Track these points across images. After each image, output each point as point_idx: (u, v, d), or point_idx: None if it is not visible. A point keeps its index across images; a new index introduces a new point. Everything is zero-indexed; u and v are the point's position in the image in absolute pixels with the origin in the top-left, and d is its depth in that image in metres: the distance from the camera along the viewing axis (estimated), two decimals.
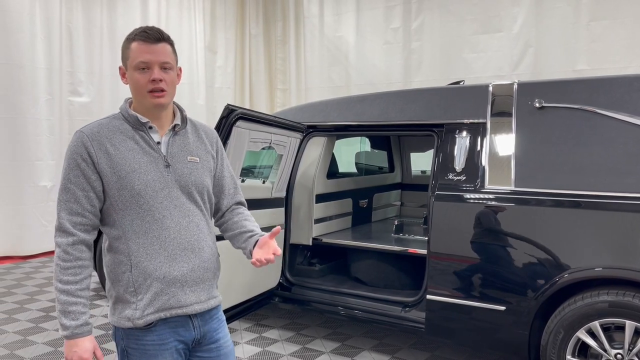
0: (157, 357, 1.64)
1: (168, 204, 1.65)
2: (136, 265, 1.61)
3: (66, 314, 1.56)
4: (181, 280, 1.65)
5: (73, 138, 1.63)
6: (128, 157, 1.62)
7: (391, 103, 3.68)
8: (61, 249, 1.58)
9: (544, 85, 3.15)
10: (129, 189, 1.61)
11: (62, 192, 1.61)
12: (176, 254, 1.64)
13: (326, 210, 4.23)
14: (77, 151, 1.60)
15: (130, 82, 1.64)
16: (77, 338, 1.57)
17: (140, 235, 1.62)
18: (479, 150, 3.17)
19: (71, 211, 1.59)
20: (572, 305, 2.77)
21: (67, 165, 1.61)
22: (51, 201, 6.79)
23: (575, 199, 2.82)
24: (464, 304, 3.09)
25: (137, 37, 1.63)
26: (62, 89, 6.91)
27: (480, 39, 7.36)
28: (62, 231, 1.59)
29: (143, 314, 1.61)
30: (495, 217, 3.02)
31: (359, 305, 3.59)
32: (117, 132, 1.64)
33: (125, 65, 1.66)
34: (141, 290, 1.61)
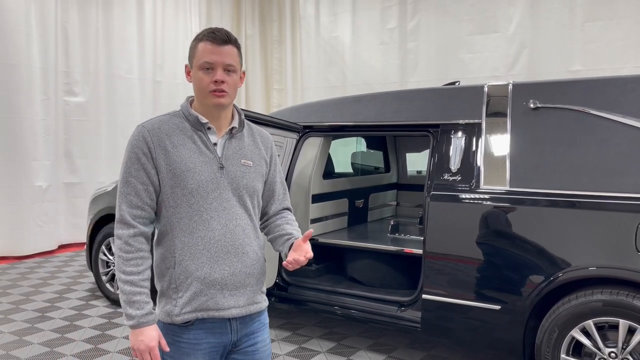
0: (189, 355, 1.66)
1: (217, 205, 1.66)
2: (179, 263, 1.64)
3: (131, 303, 1.59)
4: (221, 283, 1.66)
5: (134, 132, 1.66)
6: (184, 155, 1.65)
7: (387, 103, 3.70)
8: (122, 241, 1.61)
9: (539, 86, 3.17)
10: (182, 188, 1.63)
11: (123, 185, 1.64)
12: (219, 257, 1.66)
13: (322, 210, 4.24)
14: (138, 145, 1.63)
15: (194, 80, 1.67)
16: (143, 327, 1.60)
17: (187, 234, 1.64)
18: (474, 151, 3.19)
19: (131, 204, 1.63)
20: (567, 304, 2.79)
21: (127, 158, 1.64)
22: (47, 201, 6.77)
23: (569, 199, 2.84)
24: (459, 303, 3.11)
25: (205, 37, 1.66)
26: (58, 89, 6.90)
27: (476, 40, 7.39)
28: (123, 223, 1.63)
29: (181, 311, 1.64)
30: (490, 217, 3.04)
31: (355, 305, 3.60)
32: (176, 130, 1.67)
33: (190, 64, 1.69)
34: (182, 288, 1.65)
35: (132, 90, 7.77)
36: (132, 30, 7.72)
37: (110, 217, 4.80)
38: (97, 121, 7.35)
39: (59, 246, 7.07)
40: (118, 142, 7.59)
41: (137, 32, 7.78)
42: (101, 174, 7.38)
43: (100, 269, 4.84)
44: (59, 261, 6.49)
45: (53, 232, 6.90)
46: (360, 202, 4.82)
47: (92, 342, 3.89)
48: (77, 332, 4.09)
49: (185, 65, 1.73)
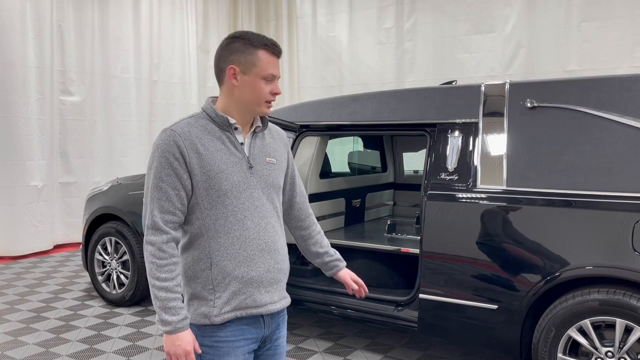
0: (229, 355, 1.68)
1: (250, 204, 1.69)
2: (216, 264, 1.66)
3: (166, 309, 1.59)
4: (258, 280, 1.70)
5: (163, 136, 1.64)
6: (217, 157, 1.66)
7: (384, 103, 3.69)
8: (156, 247, 1.61)
9: (536, 85, 3.16)
10: (217, 189, 1.65)
11: (154, 190, 1.63)
12: (255, 255, 1.69)
13: (319, 210, 4.23)
14: (170, 150, 1.62)
15: (251, 88, 1.66)
16: (179, 332, 1.60)
17: (222, 235, 1.66)
18: (471, 150, 3.18)
19: (163, 209, 1.62)
20: (564, 303, 2.79)
21: (158, 163, 1.63)
22: (42, 201, 6.75)
23: (566, 198, 2.84)
24: (456, 302, 3.10)
25: (266, 47, 1.66)
26: (53, 88, 6.87)
27: (473, 39, 7.39)
28: (155, 229, 1.62)
29: (221, 311, 1.66)
30: (487, 217, 3.03)
31: (352, 305, 3.59)
32: (205, 132, 1.67)
33: (246, 70, 1.66)
34: (219, 289, 1.66)
35: (128, 89, 7.75)
36: (128, 30, 7.70)
37: (105, 217, 4.79)
38: (93, 121, 7.32)
39: (55, 246, 7.04)
40: (114, 141, 7.57)
41: (133, 31, 7.76)
42: (97, 174, 7.35)
43: (96, 269, 4.82)
44: (54, 261, 6.47)
45: (48, 232, 6.88)
46: (357, 201, 4.82)
47: (87, 342, 3.87)
48: (72, 332, 4.07)
49: (231, 67, 1.66)
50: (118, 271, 4.69)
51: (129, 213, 4.59)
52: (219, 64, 1.70)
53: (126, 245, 4.59)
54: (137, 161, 7.76)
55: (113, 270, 4.72)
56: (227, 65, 1.67)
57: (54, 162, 6.95)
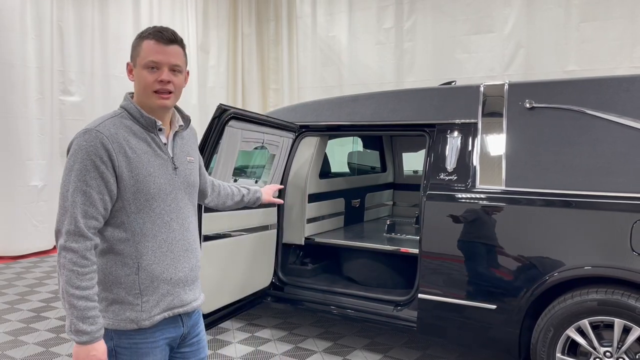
0: (148, 355, 1.64)
1: (174, 206, 1.67)
2: (144, 268, 1.62)
3: (85, 319, 1.52)
4: (183, 280, 1.70)
5: (87, 137, 1.54)
6: (144, 160, 1.61)
7: (383, 103, 3.70)
8: (79, 255, 1.51)
9: (535, 85, 3.17)
10: (145, 193, 1.60)
11: (78, 194, 1.53)
12: (180, 256, 1.68)
13: (319, 210, 4.24)
14: (96, 152, 1.53)
15: (137, 79, 1.62)
16: (96, 342, 1.54)
17: (150, 239, 1.62)
18: (470, 150, 3.19)
19: (87, 214, 1.53)
20: (562, 303, 2.79)
21: (82, 166, 1.53)
22: (42, 201, 6.75)
23: (565, 198, 2.85)
24: (455, 302, 3.11)
25: (150, 35, 1.61)
26: (53, 88, 6.87)
27: (472, 40, 7.40)
28: (79, 235, 1.52)
29: (150, 315, 1.63)
30: (486, 217, 3.04)
31: (352, 305, 3.60)
32: (131, 134, 1.61)
33: (134, 62, 1.64)
34: (147, 292, 1.62)
35: (128, 89, 7.67)
36: (128, 30, 7.69)
37: None
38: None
39: (54, 246, 7.02)
40: None
41: (133, 31, 7.74)
42: None
43: None
44: (54, 261, 6.47)
45: (49, 232, 6.87)
46: (356, 201, 4.83)
47: None
48: None
49: (128, 64, 1.67)
50: None
51: None
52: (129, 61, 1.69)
53: None
54: None
55: None
56: (129, 63, 1.66)
57: (54, 162, 6.95)
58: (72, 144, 1.57)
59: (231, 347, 3.78)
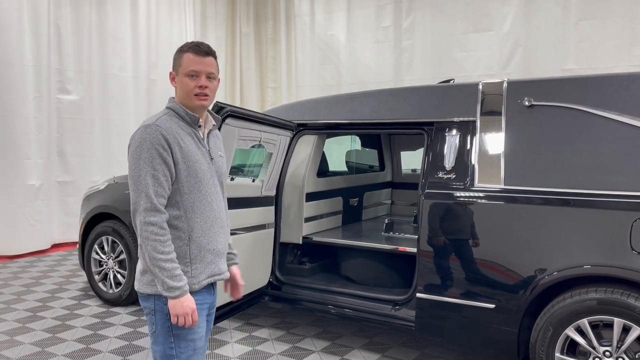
0: (198, 315, 1.94)
1: (213, 190, 2.01)
2: (194, 240, 1.94)
3: (174, 277, 1.84)
4: (221, 252, 2.05)
5: (150, 131, 1.86)
6: (192, 149, 1.94)
7: (381, 101, 3.68)
8: (158, 226, 1.83)
9: (534, 83, 3.15)
10: (194, 176, 1.93)
11: (148, 177, 1.84)
12: (218, 230, 2.02)
13: (316, 209, 4.21)
14: (158, 142, 1.85)
15: (180, 86, 1.95)
16: (185, 295, 1.86)
17: (198, 215, 1.94)
18: (468, 149, 3.17)
19: (157, 193, 1.84)
20: (561, 303, 2.78)
21: (148, 154, 1.84)
22: (39, 200, 6.71)
23: (564, 197, 2.83)
24: (453, 302, 3.09)
25: (190, 49, 1.94)
26: (51, 87, 6.84)
27: (471, 38, 7.38)
28: (155, 210, 1.84)
29: (199, 280, 1.95)
30: (485, 216, 3.02)
31: (350, 304, 3.58)
32: (179, 128, 1.94)
33: (176, 71, 1.97)
34: (196, 261, 1.94)
35: (126, 88, 7.71)
36: (126, 28, 7.66)
37: (102, 216, 4.77)
38: (91, 119, 7.29)
39: (52, 245, 7.01)
40: (112, 140, 7.54)
41: (130, 29, 7.73)
42: (95, 173, 7.32)
43: (93, 268, 4.80)
44: (51, 260, 6.45)
45: (46, 231, 6.85)
46: (354, 200, 4.81)
47: (83, 342, 3.85)
48: (68, 331, 4.06)
49: (170, 73, 1.99)
50: (115, 270, 4.68)
51: (126, 212, 4.56)
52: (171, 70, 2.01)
53: (123, 245, 4.57)
54: None
55: (110, 269, 4.70)
56: (172, 71, 1.99)
57: (51, 161, 6.92)
58: (133, 138, 1.89)
59: (228, 346, 3.75)
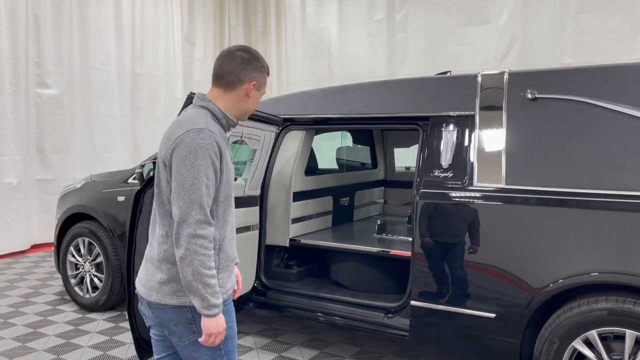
0: (233, 312, 1.94)
1: (233, 195, 1.95)
2: (223, 249, 1.86)
3: (215, 294, 1.76)
4: (235, 260, 1.99)
5: (203, 136, 1.74)
6: (228, 156, 1.88)
7: (373, 94, 3.45)
8: (207, 240, 1.74)
9: (537, 75, 2.94)
10: (229, 184, 1.86)
11: (202, 187, 1.73)
12: (235, 239, 1.97)
13: (304, 209, 3.97)
14: (213, 150, 1.75)
15: (252, 99, 1.93)
16: (221, 313, 1.79)
17: (227, 224, 1.88)
18: (467, 145, 2.95)
19: (208, 204, 1.75)
20: (568, 312, 2.56)
21: (204, 162, 1.73)
22: (17, 199, 6.44)
23: (570, 197, 2.61)
24: (450, 310, 2.87)
25: (268, 73, 1.98)
26: (29, 81, 6.55)
27: (466, 31, 7.17)
28: (206, 223, 1.74)
29: (226, 289, 1.88)
30: (484, 217, 2.80)
31: (339, 311, 3.35)
32: (220, 133, 1.85)
33: (257, 87, 1.93)
34: (223, 270, 1.87)
35: (110, 82, 7.44)
36: (109, 19, 7.38)
37: (79, 216, 4.51)
38: (72, 114, 7.01)
39: (32, 246, 6.74)
40: (94, 136, 7.27)
41: (114, 20, 7.45)
42: (76, 170, 7.03)
43: (69, 272, 4.54)
44: (29, 262, 6.18)
45: (24, 231, 6.58)
46: (345, 200, 4.56)
47: (54, 352, 3.59)
48: (39, 340, 3.80)
49: (255, 83, 1.91)
50: (91, 274, 4.42)
51: (103, 213, 4.31)
52: (239, 74, 1.87)
53: (100, 247, 4.32)
54: (119, 157, 7.44)
55: (86, 273, 4.45)
56: (250, 79, 1.89)
57: (30, 158, 6.64)
58: (183, 141, 1.73)
59: None
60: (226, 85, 1.88)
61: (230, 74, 1.87)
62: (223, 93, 1.89)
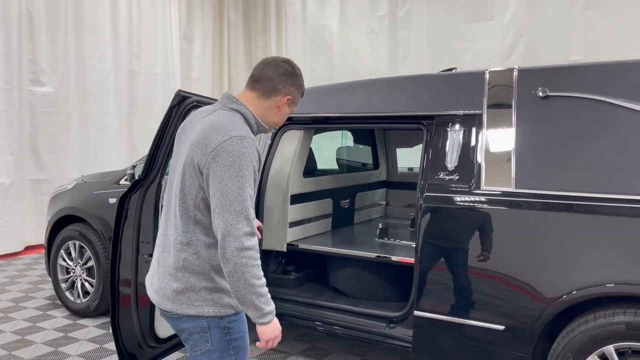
0: (245, 322, 1.91)
1: None
2: None
3: (268, 302, 1.75)
4: None
5: (246, 145, 1.72)
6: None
7: (375, 92, 3.28)
8: (255, 250, 1.71)
9: (549, 71, 2.76)
10: (255, 190, 1.81)
11: (247, 198, 1.70)
12: None
13: (303, 212, 3.80)
14: (255, 159, 1.74)
15: (282, 112, 1.92)
16: (275, 318, 1.79)
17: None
18: (474, 146, 2.78)
19: (253, 216, 1.73)
20: (583, 326, 2.39)
21: (248, 172, 1.71)
22: (10, 200, 6.30)
23: (585, 202, 2.44)
24: (456, 321, 2.71)
25: (303, 94, 1.99)
26: (22, 78, 6.40)
27: (470, 28, 6.99)
28: (252, 235, 1.71)
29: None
30: (492, 223, 2.63)
31: (338, 320, 3.18)
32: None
33: (291, 102, 1.92)
34: None
35: (106, 80, 7.28)
36: (105, 15, 7.22)
37: (70, 218, 4.35)
38: (67, 113, 6.86)
39: (25, 247, 6.59)
40: (90, 135, 7.11)
41: (110, 17, 7.29)
42: (72, 170, 6.88)
43: (59, 276, 4.39)
44: (22, 264, 6.03)
45: (18, 232, 6.44)
46: (345, 202, 4.39)
47: None
48: (27, 348, 3.64)
49: (289, 98, 1.90)
50: (82, 278, 4.26)
51: (94, 216, 4.15)
52: (278, 84, 1.86)
53: (91, 250, 4.16)
54: (115, 157, 7.28)
55: (77, 277, 4.29)
56: (285, 92, 1.89)
57: (23, 158, 6.49)
58: (225, 149, 1.70)
59: None
60: (262, 92, 1.87)
61: (269, 81, 1.86)
62: (257, 99, 1.87)
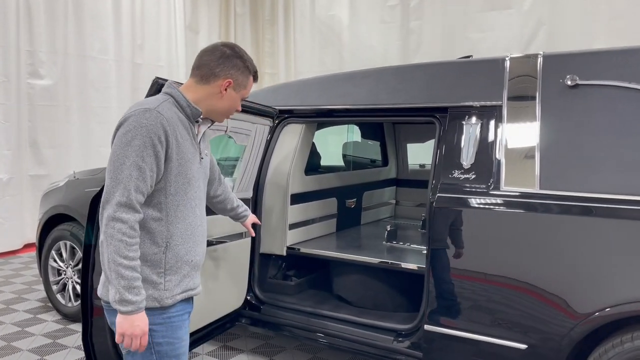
0: (180, 328, 1.78)
1: (199, 194, 1.84)
2: (172, 248, 1.74)
3: (131, 289, 1.60)
4: (198, 264, 1.85)
5: (148, 116, 1.65)
6: (186, 146, 1.76)
7: (383, 82, 3.00)
8: (128, 225, 1.61)
9: (579, 57, 2.47)
10: (183, 176, 1.74)
11: (133, 168, 1.62)
12: (199, 240, 1.83)
13: (304, 213, 3.52)
14: (155, 132, 1.64)
15: (227, 99, 1.83)
16: (139, 312, 1.63)
17: (180, 221, 1.75)
18: (492, 142, 2.49)
19: (138, 189, 1.63)
20: (618, 347, 2.10)
21: (141, 142, 1.62)
22: (8, 196, 6.10)
23: (621, 205, 2.14)
24: (472, 338, 2.43)
25: (255, 75, 1.89)
26: (20, 71, 6.19)
27: (487, 17, 6.68)
28: (129, 207, 1.62)
29: (172, 294, 1.74)
30: (512, 228, 2.34)
31: (342, 332, 2.92)
32: (178, 120, 1.75)
33: (234, 86, 1.83)
34: (170, 272, 1.74)
35: (108, 72, 7.06)
36: (107, 5, 6.99)
37: (62, 217, 4.12)
38: (67, 107, 6.64)
39: (24, 245, 6.40)
40: (91, 129, 6.90)
41: (112, 6, 7.05)
42: (72, 165, 6.64)
43: (50, 277, 4.17)
44: (19, 262, 5.84)
45: (17, 230, 6.25)
46: (352, 201, 4.10)
47: None
48: (12, 356, 3.42)
49: (230, 81, 1.81)
50: (74, 281, 4.04)
51: (85, 216, 3.90)
52: (214, 68, 1.79)
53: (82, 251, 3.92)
54: None
55: (68, 279, 4.07)
56: (224, 76, 1.80)
57: (22, 153, 6.28)
58: (127, 119, 1.65)
59: None
60: (200, 77, 1.80)
61: (206, 66, 1.80)
62: (195, 84, 1.81)
